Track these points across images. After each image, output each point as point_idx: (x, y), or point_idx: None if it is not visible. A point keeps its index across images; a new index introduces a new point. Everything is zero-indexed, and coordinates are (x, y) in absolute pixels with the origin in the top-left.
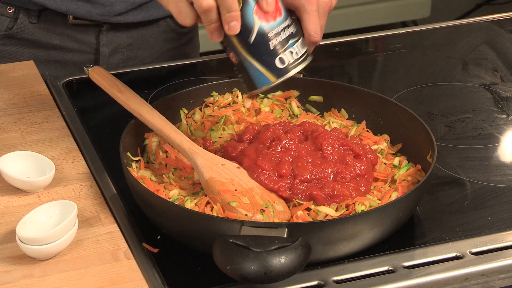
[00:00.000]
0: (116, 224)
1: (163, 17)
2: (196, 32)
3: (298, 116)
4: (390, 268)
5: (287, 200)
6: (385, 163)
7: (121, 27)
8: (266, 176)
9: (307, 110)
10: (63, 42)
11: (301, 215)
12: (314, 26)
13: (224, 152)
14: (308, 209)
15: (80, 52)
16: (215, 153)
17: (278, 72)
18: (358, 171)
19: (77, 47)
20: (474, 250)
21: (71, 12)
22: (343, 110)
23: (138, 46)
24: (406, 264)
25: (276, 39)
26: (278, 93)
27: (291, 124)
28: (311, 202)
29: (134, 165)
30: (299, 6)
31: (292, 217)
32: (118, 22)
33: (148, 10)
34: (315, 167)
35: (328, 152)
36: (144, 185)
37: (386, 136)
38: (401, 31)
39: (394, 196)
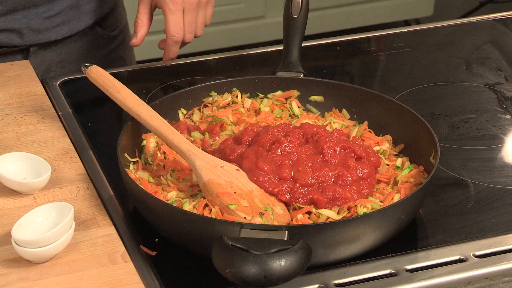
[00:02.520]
0: (113, 227)
1: (88, 26)
2: (127, 32)
3: (299, 116)
4: (392, 272)
5: (287, 204)
6: (387, 164)
7: (49, 46)
8: (266, 179)
9: (307, 110)
10: None
11: (301, 219)
12: (176, 27)
13: (222, 154)
14: (309, 212)
15: None
16: (213, 154)
17: None
18: (361, 174)
19: None
20: (477, 253)
21: None
22: (344, 111)
23: (70, 61)
24: (409, 267)
25: None
26: (278, 93)
27: (291, 126)
28: (312, 206)
29: (131, 166)
30: (163, 5)
31: (292, 220)
32: (42, 42)
33: (70, 23)
34: (316, 171)
35: (330, 155)
36: (141, 186)
37: (388, 137)
38: (403, 30)
39: (397, 198)
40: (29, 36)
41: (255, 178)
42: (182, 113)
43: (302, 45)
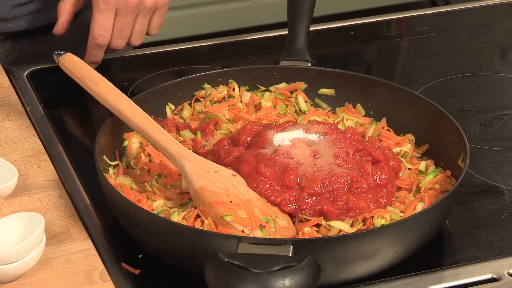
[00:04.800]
0: (90, 241)
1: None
2: None
3: (306, 112)
4: None
5: (292, 215)
6: (409, 169)
7: (21, 35)
8: (267, 186)
9: (316, 106)
10: None
11: (308, 232)
12: (101, 28)
13: (216, 156)
14: (317, 225)
15: None
16: (206, 157)
17: None
18: (378, 180)
19: None
20: None
21: None
22: (359, 106)
23: (47, 52)
24: (434, 287)
25: None
26: (282, 85)
27: (297, 124)
28: (321, 217)
29: (111, 170)
30: (93, 0)
31: (297, 234)
32: (11, 31)
33: (48, 11)
34: (326, 177)
35: (342, 159)
36: (123, 194)
37: (410, 136)
38: (428, 12)
39: (420, 207)
40: None
41: (255, 185)
42: (170, 108)
43: (310, 29)
